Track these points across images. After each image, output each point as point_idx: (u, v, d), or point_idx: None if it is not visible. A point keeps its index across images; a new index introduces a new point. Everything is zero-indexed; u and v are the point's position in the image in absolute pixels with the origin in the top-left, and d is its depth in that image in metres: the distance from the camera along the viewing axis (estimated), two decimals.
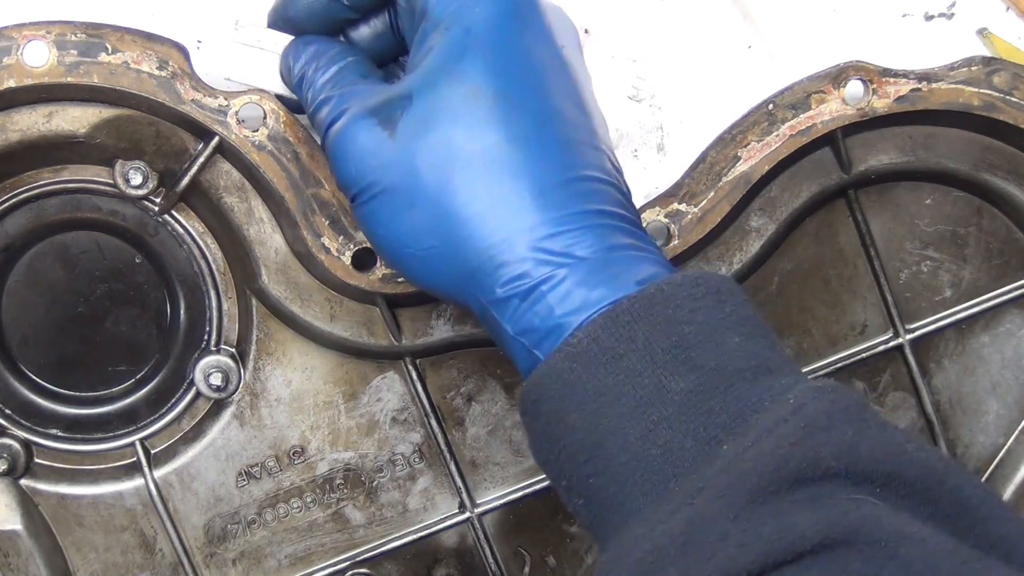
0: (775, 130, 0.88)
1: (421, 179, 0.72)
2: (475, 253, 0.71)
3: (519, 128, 0.72)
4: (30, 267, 0.91)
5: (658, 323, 0.67)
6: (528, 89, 0.73)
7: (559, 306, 0.69)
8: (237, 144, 0.84)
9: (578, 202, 0.71)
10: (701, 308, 0.68)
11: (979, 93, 0.89)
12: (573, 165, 0.72)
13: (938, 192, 0.95)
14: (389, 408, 0.93)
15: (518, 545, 0.96)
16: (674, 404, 0.66)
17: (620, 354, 0.67)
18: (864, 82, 0.88)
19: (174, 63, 0.83)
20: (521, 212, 0.71)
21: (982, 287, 0.96)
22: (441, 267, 0.73)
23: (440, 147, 0.72)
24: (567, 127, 0.73)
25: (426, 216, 0.72)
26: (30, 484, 0.91)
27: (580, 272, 0.70)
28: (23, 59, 0.81)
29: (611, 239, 0.71)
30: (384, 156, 0.73)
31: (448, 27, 0.74)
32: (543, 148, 0.72)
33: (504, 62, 0.73)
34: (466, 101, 0.72)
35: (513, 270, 0.70)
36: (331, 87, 0.79)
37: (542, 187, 0.71)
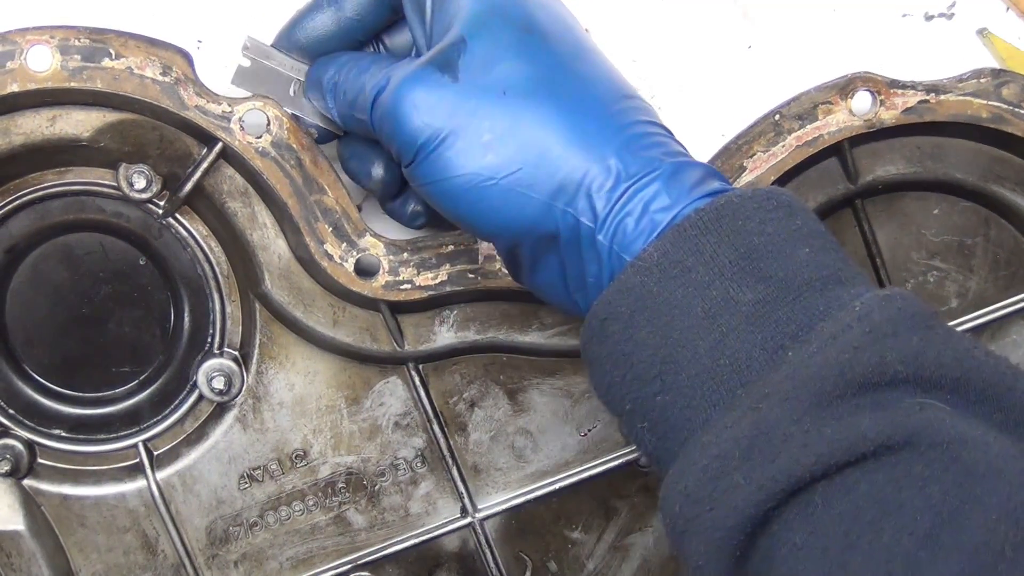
0: (781, 140, 0.88)
1: (495, 108, 0.73)
2: (562, 162, 0.72)
3: (572, 55, 0.75)
4: (34, 268, 0.91)
5: (726, 234, 0.68)
6: (564, 26, 0.77)
7: (653, 203, 0.70)
8: (240, 150, 0.84)
9: (640, 115, 0.74)
10: (771, 220, 0.69)
11: (988, 105, 0.88)
12: (623, 84, 0.76)
13: (945, 202, 0.94)
14: (392, 413, 0.93)
15: (519, 550, 0.96)
16: (742, 314, 0.66)
17: (689, 267, 0.68)
18: (872, 93, 0.87)
19: (178, 69, 0.83)
20: (597, 121, 0.73)
21: (988, 298, 0.96)
22: (524, 192, 0.73)
23: (508, 76, 0.73)
24: (601, 56, 0.77)
25: (506, 143, 0.73)
26: (33, 484, 0.92)
27: (662, 176, 0.71)
28: (27, 63, 0.81)
29: (675, 149, 0.74)
30: (451, 99, 0.74)
31: None
32: (596, 68, 0.75)
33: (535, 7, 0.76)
34: (518, 37, 0.74)
35: (602, 174, 0.71)
36: (369, 72, 0.79)
37: (608, 100, 0.74)
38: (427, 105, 0.74)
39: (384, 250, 0.86)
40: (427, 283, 0.86)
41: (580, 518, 0.96)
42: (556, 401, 0.94)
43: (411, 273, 0.86)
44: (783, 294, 0.66)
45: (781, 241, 0.68)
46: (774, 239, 0.68)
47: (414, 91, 0.74)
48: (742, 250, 0.68)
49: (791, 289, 0.67)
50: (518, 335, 0.91)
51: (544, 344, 0.91)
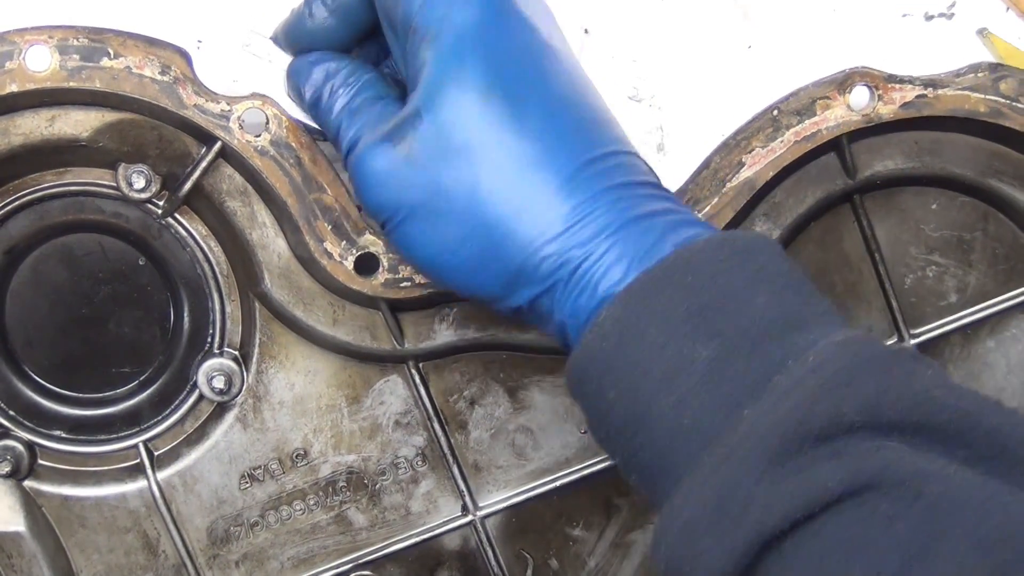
0: (780, 136, 0.88)
1: (448, 193, 0.73)
2: (516, 251, 0.72)
3: (532, 123, 0.73)
4: (34, 269, 0.91)
5: (677, 292, 0.68)
6: (530, 83, 0.74)
7: (603, 282, 0.71)
8: (239, 149, 0.84)
9: (603, 179, 0.72)
10: (723, 271, 0.69)
11: (985, 99, 0.88)
12: (590, 146, 0.73)
13: (944, 197, 0.94)
14: (392, 411, 0.93)
15: (520, 548, 0.96)
16: (698, 373, 0.67)
17: (643, 327, 0.68)
18: (870, 88, 0.88)
19: (176, 68, 0.83)
20: (551, 202, 0.72)
21: (988, 292, 0.96)
22: (485, 272, 0.74)
23: (459, 158, 0.73)
24: (575, 111, 0.74)
25: (461, 227, 0.73)
26: (33, 486, 0.92)
27: (618, 246, 0.71)
28: (25, 64, 0.81)
29: (640, 208, 0.72)
30: (407, 178, 0.74)
31: (436, 35, 0.74)
32: (559, 137, 0.73)
33: (501, 61, 0.73)
34: (473, 108, 0.72)
35: (554, 259, 0.72)
36: (347, 114, 0.79)
37: (566, 174, 0.72)
38: (384, 183, 0.75)
39: (384, 248, 0.86)
40: (427, 281, 0.86)
41: (581, 516, 0.96)
42: (557, 399, 0.94)
43: (411, 271, 0.86)
44: (738, 348, 0.67)
45: (735, 291, 0.68)
46: (727, 290, 0.68)
47: (375, 166, 0.75)
48: (694, 307, 0.68)
49: (746, 342, 0.67)
50: (518, 333, 0.91)
51: (544, 342, 0.91)
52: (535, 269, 0.72)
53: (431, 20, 0.74)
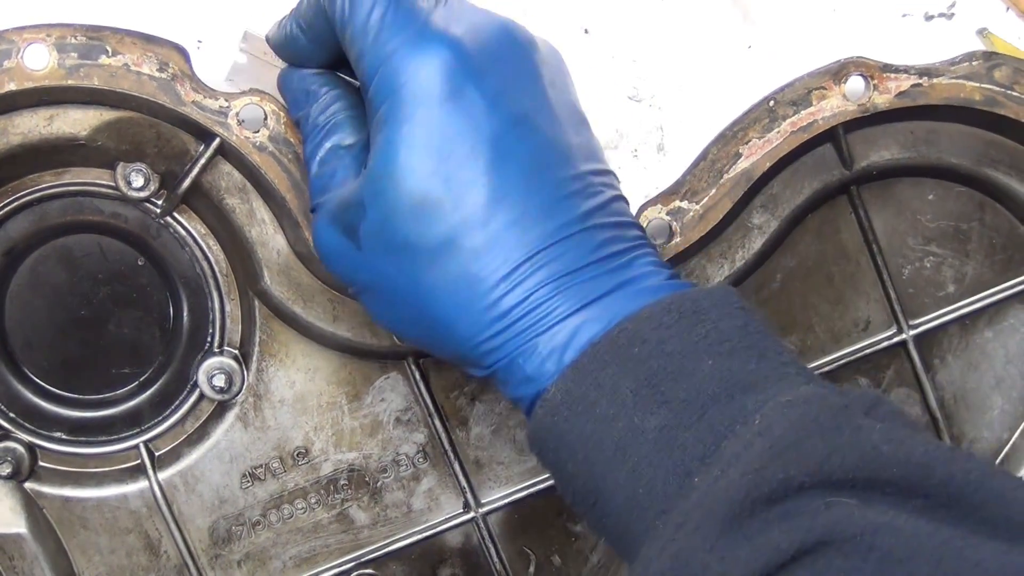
0: (776, 127, 0.88)
1: (392, 283, 0.74)
2: (455, 344, 0.74)
3: (472, 220, 0.72)
4: (33, 270, 0.91)
5: (624, 363, 0.69)
6: (474, 174, 0.72)
7: (537, 373, 0.71)
8: (238, 145, 0.84)
9: (546, 271, 0.71)
10: (671, 337, 0.69)
11: (980, 88, 0.89)
12: (537, 236, 0.72)
13: (940, 188, 0.94)
14: (393, 408, 0.93)
15: (523, 544, 0.96)
16: (649, 443, 0.67)
17: (592, 401, 0.69)
18: (865, 78, 0.88)
19: (174, 65, 0.83)
20: (490, 301, 0.72)
21: (985, 282, 0.96)
22: (438, 350, 0.77)
23: (400, 255, 0.73)
24: (526, 196, 0.72)
25: (406, 313, 0.75)
26: (34, 487, 0.91)
27: (555, 337, 0.71)
28: (23, 62, 0.81)
29: (591, 290, 0.71)
30: (355, 261, 0.76)
31: (384, 120, 0.73)
32: (500, 233, 0.71)
33: (445, 152, 0.72)
34: (413, 208, 0.72)
35: (494, 353, 0.72)
36: (316, 164, 0.80)
37: (505, 271, 0.71)
38: (336, 260, 0.77)
39: None
40: None
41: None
42: None
43: None
44: (686, 415, 0.67)
45: (682, 358, 0.68)
46: (674, 358, 0.68)
47: (328, 245, 0.77)
48: (642, 377, 0.68)
49: (695, 408, 0.67)
50: None
51: None
52: (477, 360, 0.74)
53: (381, 96, 0.73)
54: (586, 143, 0.76)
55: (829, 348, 0.96)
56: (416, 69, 0.72)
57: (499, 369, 0.73)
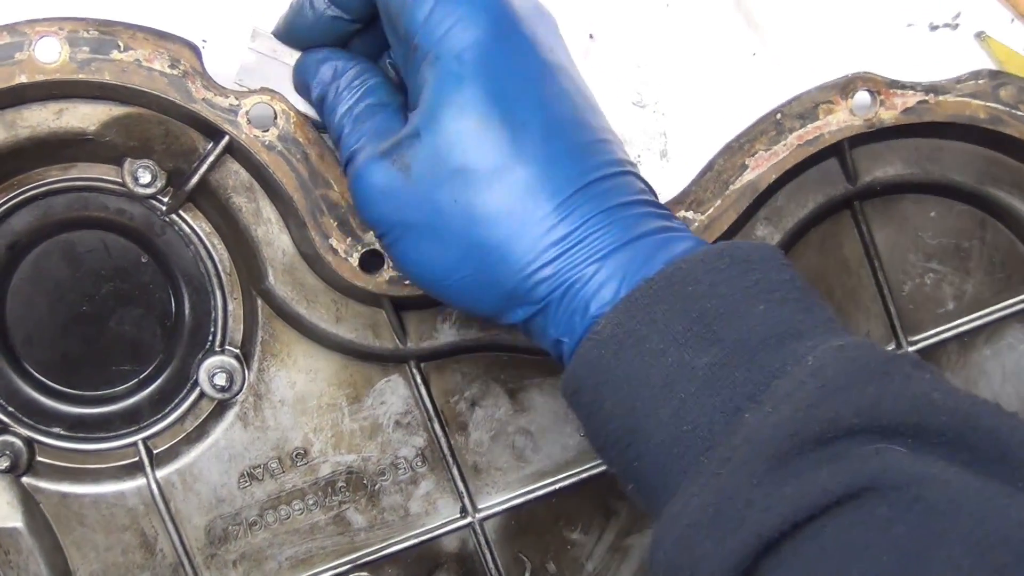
0: (783, 139, 0.89)
1: (444, 214, 0.74)
2: (510, 274, 0.73)
3: (528, 147, 0.73)
4: (36, 265, 0.91)
5: (678, 300, 0.69)
6: (528, 106, 0.74)
7: (593, 302, 0.72)
8: (247, 144, 0.84)
9: (597, 202, 0.73)
10: (724, 280, 0.69)
11: (986, 106, 0.89)
12: (586, 169, 0.74)
13: (942, 205, 0.95)
14: (392, 411, 0.93)
15: (519, 551, 0.96)
16: (698, 379, 0.67)
17: (643, 336, 0.69)
18: (872, 93, 0.89)
19: (186, 62, 0.83)
20: (545, 227, 0.73)
21: (985, 300, 0.97)
22: (480, 292, 0.76)
23: (456, 180, 0.74)
24: (573, 133, 0.75)
25: (456, 248, 0.75)
26: (32, 482, 0.91)
27: (609, 267, 0.72)
28: (35, 55, 0.81)
29: (635, 228, 0.73)
30: (404, 197, 0.75)
31: (438, 57, 0.74)
32: (554, 161, 0.73)
33: (500, 84, 0.74)
34: (472, 131, 0.73)
35: (548, 282, 0.73)
36: (350, 120, 0.80)
37: (561, 199, 0.73)
38: (381, 200, 0.77)
39: None
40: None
41: (580, 519, 0.96)
42: (557, 401, 0.95)
43: None
44: (738, 355, 0.67)
45: (735, 301, 0.69)
46: (727, 300, 0.69)
47: (374, 183, 0.77)
48: (694, 315, 0.69)
49: (746, 349, 0.67)
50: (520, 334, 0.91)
51: None
52: (529, 292, 0.73)
53: (432, 40, 0.75)
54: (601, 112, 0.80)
55: None
56: (467, 10, 0.74)
57: (552, 301, 0.73)
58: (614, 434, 0.71)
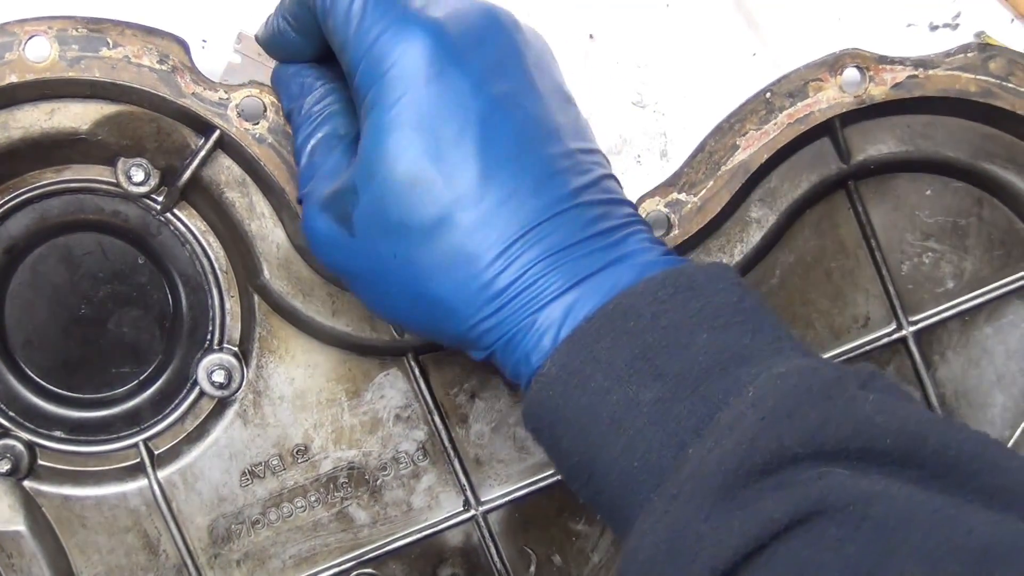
0: (773, 118, 0.89)
1: (387, 268, 0.74)
2: (456, 325, 0.74)
3: (465, 199, 0.72)
4: (33, 269, 0.91)
5: (619, 336, 0.69)
6: (463, 154, 0.72)
7: (534, 353, 0.72)
8: (238, 137, 0.85)
9: (540, 248, 0.72)
10: (666, 311, 0.69)
11: (976, 79, 0.89)
12: (529, 213, 0.72)
13: (938, 183, 0.95)
14: (392, 405, 0.93)
15: (523, 543, 0.95)
16: (644, 415, 0.67)
17: (587, 375, 0.69)
18: (861, 69, 0.89)
19: (174, 57, 0.84)
20: (485, 280, 0.72)
21: (984, 278, 0.96)
22: (436, 335, 0.77)
23: (395, 236, 0.73)
24: (515, 175, 0.72)
25: (403, 298, 0.75)
26: (33, 486, 0.91)
27: (550, 315, 0.71)
28: (25, 54, 0.82)
29: (581, 269, 0.72)
30: (348, 249, 0.75)
31: (371, 106, 0.73)
32: (494, 210, 0.72)
33: (433, 136, 0.72)
34: (406, 188, 0.72)
35: (492, 332, 0.73)
36: (306, 154, 0.80)
37: (500, 248, 0.71)
38: (328, 250, 0.77)
39: None
40: None
41: (584, 510, 0.96)
42: None
43: None
44: (681, 388, 0.67)
45: (676, 332, 0.68)
46: (668, 332, 0.68)
47: (316, 233, 0.77)
48: (636, 350, 0.68)
49: (689, 381, 0.67)
50: None
51: None
52: (476, 340, 0.74)
53: (367, 84, 0.74)
54: (573, 122, 0.76)
55: (829, 344, 0.96)
56: (399, 53, 0.72)
57: (497, 349, 0.73)
58: (574, 470, 0.72)
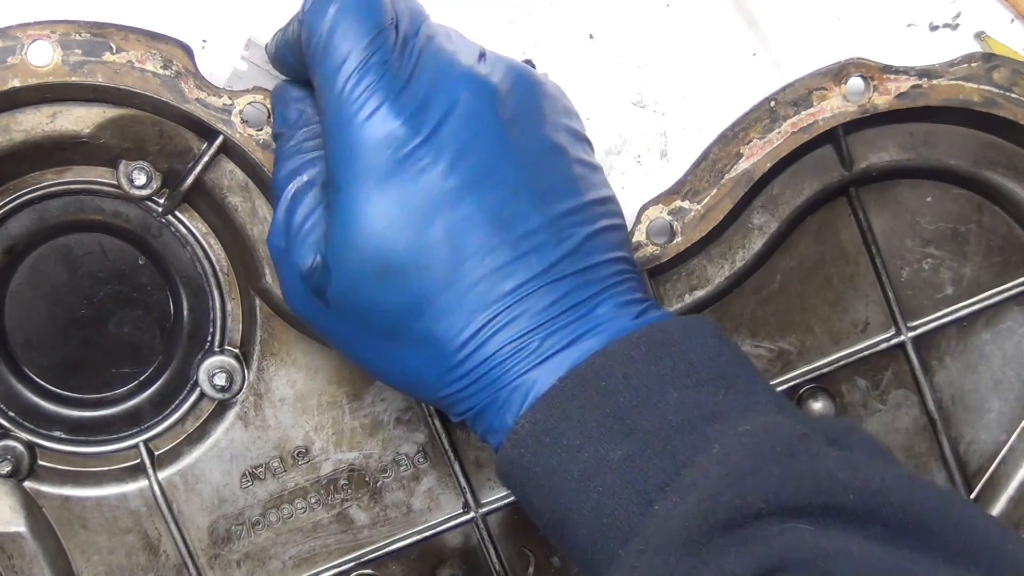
0: (777, 127, 0.89)
1: (360, 340, 0.77)
2: (426, 395, 0.77)
3: (430, 285, 0.73)
4: (34, 269, 0.91)
5: (592, 396, 0.70)
6: (428, 241, 0.72)
7: (500, 424, 0.74)
8: (241, 143, 0.84)
9: (506, 333, 0.73)
10: (637, 372, 0.70)
11: (979, 89, 0.89)
12: (495, 299, 0.73)
13: (939, 189, 0.95)
14: (393, 408, 0.93)
15: (522, 545, 0.96)
16: (614, 472, 0.69)
17: (560, 432, 0.70)
18: (865, 79, 0.89)
19: (178, 62, 0.84)
20: (453, 363, 0.74)
21: (983, 284, 0.96)
22: (411, 396, 0.83)
23: (367, 315, 0.75)
24: (484, 258, 0.73)
25: (379, 364, 0.77)
26: (34, 486, 0.91)
27: (518, 391, 0.73)
28: (28, 58, 0.82)
29: (547, 347, 0.73)
30: (323, 319, 0.78)
31: (340, 187, 0.73)
32: (461, 296, 0.73)
33: (397, 223, 0.72)
34: (372, 276, 0.73)
35: (461, 404, 0.75)
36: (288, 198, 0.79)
37: (467, 335, 0.73)
38: (305, 315, 0.79)
39: None
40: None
41: None
42: None
43: None
44: (650, 446, 0.68)
45: (647, 391, 0.70)
46: (639, 391, 0.70)
47: (293, 302, 0.79)
48: (608, 409, 0.70)
49: (658, 439, 0.68)
50: None
51: None
52: (449, 407, 0.76)
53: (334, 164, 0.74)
54: (561, 180, 0.76)
55: (828, 349, 0.96)
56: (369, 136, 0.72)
57: (467, 419, 0.76)
58: (548, 526, 0.73)
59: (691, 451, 0.67)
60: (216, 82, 0.85)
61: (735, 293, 0.94)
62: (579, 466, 0.69)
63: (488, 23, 0.79)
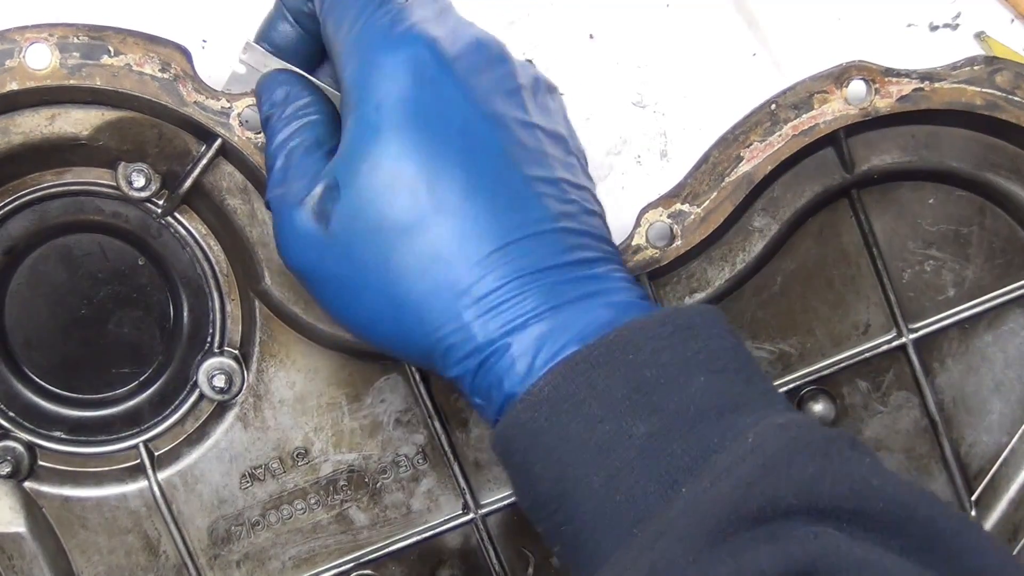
0: (778, 130, 0.88)
1: (361, 269, 0.73)
2: (424, 337, 0.72)
3: (445, 205, 0.71)
4: (33, 270, 0.91)
5: (619, 367, 0.67)
6: (447, 161, 0.72)
7: (507, 378, 0.70)
8: (240, 146, 0.84)
9: (520, 262, 0.71)
10: (666, 349, 0.68)
11: (982, 92, 0.89)
12: (508, 228, 0.71)
13: (941, 192, 0.94)
14: (393, 409, 0.93)
15: (522, 546, 0.96)
16: (635, 448, 0.66)
17: (580, 400, 0.67)
18: (867, 82, 0.88)
19: (176, 65, 0.83)
20: (461, 290, 0.70)
21: (985, 286, 0.96)
22: (402, 348, 0.75)
23: (373, 237, 0.72)
24: (498, 188, 0.72)
25: (374, 303, 0.73)
26: (34, 487, 0.92)
27: (525, 339, 0.70)
28: (25, 61, 0.81)
29: (562, 292, 0.71)
30: (323, 249, 0.74)
31: (356, 104, 0.73)
32: (473, 219, 0.71)
33: (417, 137, 0.71)
34: (386, 187, 0.71)
35: (462, 348, 0.71)
36: (283, 156, 0.78)
37: (476, 259, 0.70)
38: (300, 250, 0.75)
39: None
40: None
41: None
42: None
43: None
44: (676, 426, 0.66)
45: (675, 370, 0.68)
46: (668, 369, 0.68)
47: (291, 231, 0.75)
48: (634, 383, 0.67)
49: (685, 420, 0.66)
50: None
51: None
52: (445, 353, 0.72)
53: (355, 85, 0.73)
54: (563, 156, 0.76)
55: (829, 351, 0.96)
56: (395, 58, 0.72)
57: (469, 370, 0.72)
58: (542, 496, 0.70)
59: (719, 437, 0.65)
60: (215, 84, 0.85)
61: (735, 295, 0.94)
62: (598, 437, 0.67)
63: (488, 23, 0.78)
